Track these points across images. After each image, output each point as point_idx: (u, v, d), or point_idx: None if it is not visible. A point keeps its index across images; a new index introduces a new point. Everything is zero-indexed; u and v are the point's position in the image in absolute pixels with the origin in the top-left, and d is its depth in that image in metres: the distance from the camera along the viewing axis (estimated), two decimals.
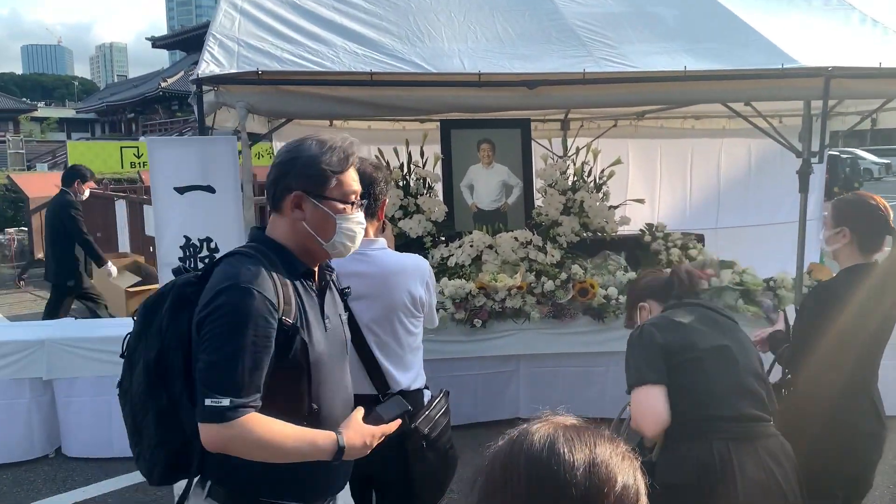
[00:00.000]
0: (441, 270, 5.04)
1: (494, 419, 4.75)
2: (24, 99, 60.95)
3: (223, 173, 3.10)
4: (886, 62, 3.98)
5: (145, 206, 9.05)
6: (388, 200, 5.28)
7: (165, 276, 3.15)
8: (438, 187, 5.72)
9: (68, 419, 4.48)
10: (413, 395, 2.37)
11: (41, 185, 11.03)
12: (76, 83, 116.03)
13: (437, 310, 4.59)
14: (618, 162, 5.83)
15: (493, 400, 4.76)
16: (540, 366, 4.79)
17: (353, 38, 3.78)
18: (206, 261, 3.14)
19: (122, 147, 19.02)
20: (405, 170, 5.61)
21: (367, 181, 2.28)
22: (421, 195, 5.51)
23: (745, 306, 4.68)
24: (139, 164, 17.26)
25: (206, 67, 3.25)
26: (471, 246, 5.13)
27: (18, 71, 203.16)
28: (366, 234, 2.36)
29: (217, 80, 3.28)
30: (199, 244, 3.13)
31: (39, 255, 10.54)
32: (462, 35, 3.98)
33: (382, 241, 2.39)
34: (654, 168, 7.26)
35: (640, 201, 6.11)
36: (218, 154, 3.09)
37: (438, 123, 5.82)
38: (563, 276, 4.79)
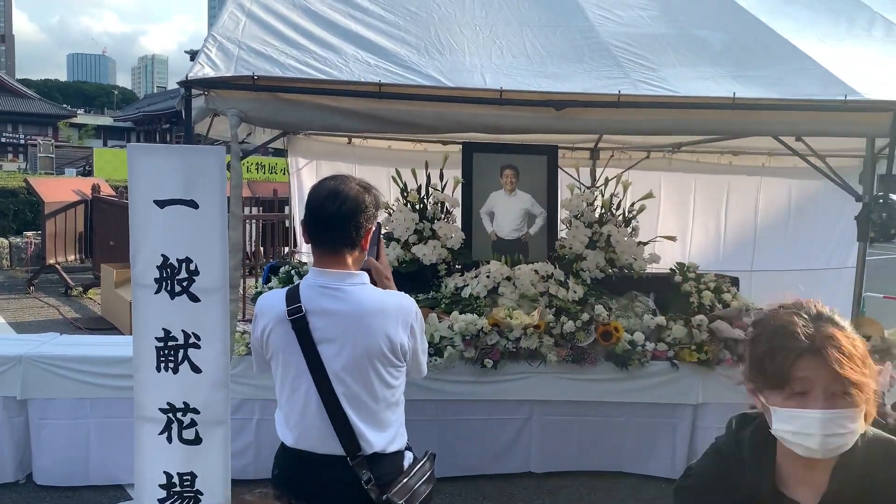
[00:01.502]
0: (454, 301, 4.67)
1: (502, 472, 4.35)
2: (65, 105, 62.07)
3: (209, 187, 2.74)
4: None
5: None
6: (404, 224, 5.10)
7: (139, 298, 2.80)
8: (457, 213, 5.38)
9: (41, 443, 4.15)
10: (389, 459, 2.00)
11: (58, 190, 10.90)
12: (116, 92, 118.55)
13: (445, 346, 4.29)
14: (649, 196, 5.45)
15: (501, 449, 4.35)
16: (554, 413, 4.38)
17: (366, 47, 3.46)
18: (185, 284, 2.79)
19: None
20: (422, 192, 5.28)
21: (351, 205, 1.94)
22: (438, 220, 5.17)
23: None
24: None
25: (199, 70, 2.94)
26: (487, 277, 4.77)
27: (63, 78, 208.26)
28: (345, 266, 2.02)
29: (208, 84, 2.96)
30: (177, 265, 2.77)
31: (51, 260, 10.37)
32: (486, 50, 3.63)
33: (363, 276, 2.03)
34: (687, 204, 6.87)
35: (672, 238, 5.70)
36: (204, 166, 2.73)
37: (460, 146, 5.51)
38: (585, 316, 4.40)
